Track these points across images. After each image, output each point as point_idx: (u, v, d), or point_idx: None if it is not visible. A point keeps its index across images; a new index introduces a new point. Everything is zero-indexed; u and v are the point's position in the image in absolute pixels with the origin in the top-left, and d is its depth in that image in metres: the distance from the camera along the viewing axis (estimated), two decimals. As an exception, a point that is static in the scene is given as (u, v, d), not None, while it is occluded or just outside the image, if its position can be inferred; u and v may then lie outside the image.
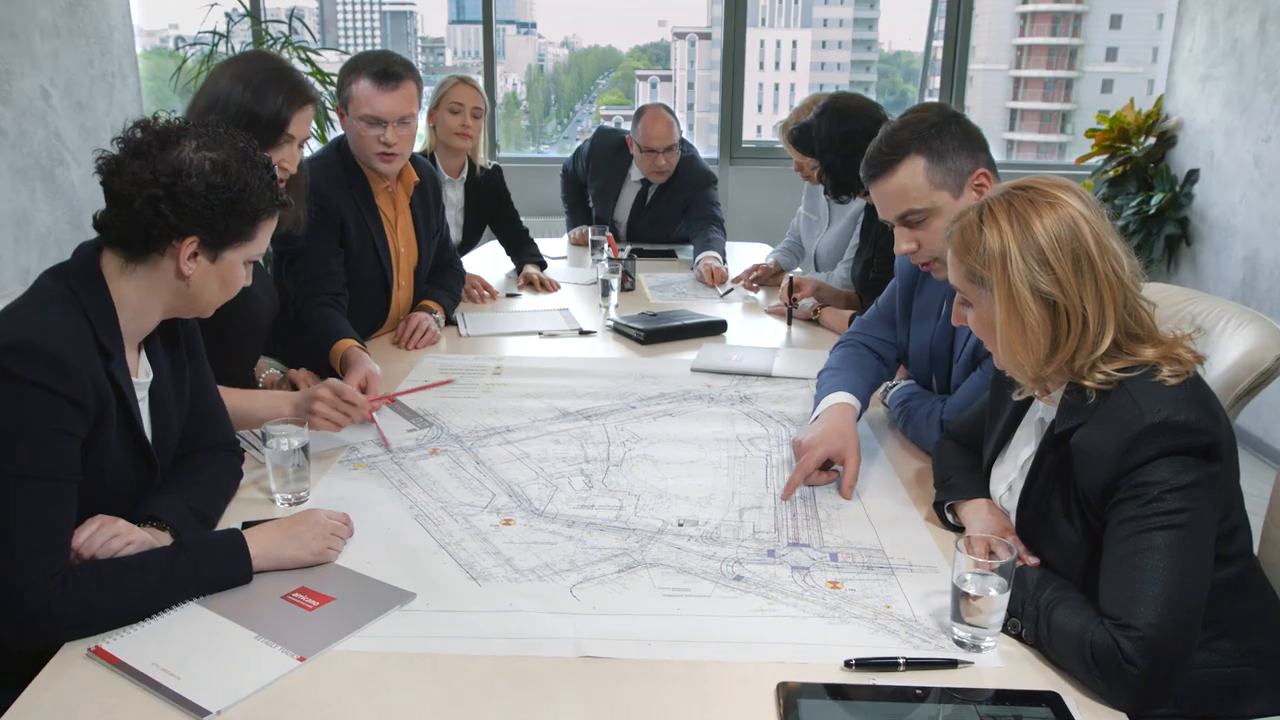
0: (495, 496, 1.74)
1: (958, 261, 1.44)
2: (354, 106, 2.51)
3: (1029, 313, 1.35)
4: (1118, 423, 1.29)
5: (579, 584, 1.47)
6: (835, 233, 3.42)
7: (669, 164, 3.90)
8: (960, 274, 1.45)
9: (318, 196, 2.38)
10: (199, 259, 1.45)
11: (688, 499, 1.75)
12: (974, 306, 1.46)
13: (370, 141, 2.51)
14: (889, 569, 1.53)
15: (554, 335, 2.82)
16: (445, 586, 1.46)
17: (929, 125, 1.85)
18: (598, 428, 2.07)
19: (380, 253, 2.63)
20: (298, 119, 1.99)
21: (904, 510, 1.73)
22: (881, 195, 1.89)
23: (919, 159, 1.84)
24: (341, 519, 1.58)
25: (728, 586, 1.47)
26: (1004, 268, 1.36)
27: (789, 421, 2.15)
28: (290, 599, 1.41)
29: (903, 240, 1.88)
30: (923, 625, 1.38)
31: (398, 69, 2.51)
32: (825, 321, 2.90)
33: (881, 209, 1.91)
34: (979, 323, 1.47)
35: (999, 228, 1.37)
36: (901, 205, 1.86)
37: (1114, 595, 1.24)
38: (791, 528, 1.66)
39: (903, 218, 1.87)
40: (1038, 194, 1.39)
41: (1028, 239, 1.35)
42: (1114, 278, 1.35)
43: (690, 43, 7.13)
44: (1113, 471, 1.28)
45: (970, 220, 1.42)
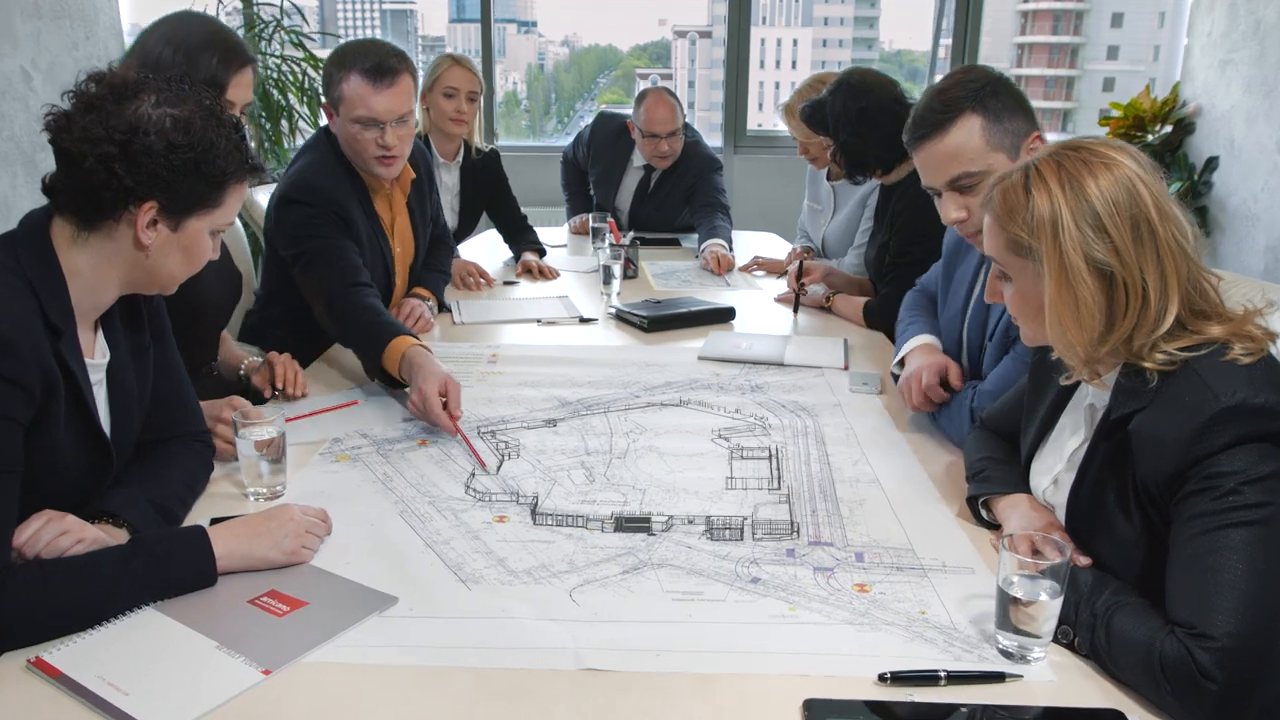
0: (490, 491, 1.60)
1: (998, 229, 1.30)
2: (346, 108, 2.26)
3: (1083, 285, 1.20)
4: (1186, 406, 1.15)
5: (579, 587, 1.33)
6: (842, 219, 3.28)
7: (672, 149, 3.74)
8: (1001, 243, 1.30)
9: (327, 203, 2.22)
10: (159, 227, 1.31)
11: (697, 494, 1.61)
12: (1014, 281, 1.32)
13: (367, 145, 2.27)
14: (921, 570, 1.39)
15: (553, 323, 2.68)
16: (431, 590, 1.32)
17: (983, 84, 1.72)
18: (599, 418, 1.93)
19: (385, 256, 2.46)
20: (236, 83, 1.84)
21: (933, 506, 1.59)
22: (931, 157, 1.75)
23: (975, 118, 1.71)
24: (318, 515, 1.44)
25: (744, 590, 1.33)
26: (1055, 235, 1.22)
27: (804, 411, 2.01)
28: (258, 604, 1.27)
29: (951, 208, 1.74)
30: (963, 633, 1.23)
31: (391, 62, 2.25)
32: (838, 309, 2.76)
33: (929, 173, 1.77)
34: (1019, 299, 1.32)
35: (1048, 190, 1.23)
36: (954, 168, 1.72)
37: (1186, 601, 1.10)
38: (812, 525, 1.52)
39: (954, 182, 1.73)
40: (1090, 154, 1.24)
41: (1081, 203, 1.21)
42: (1176, 246, 1.20)
43: (691, 41, 7.09)
44: (1180, 461, 1.14)
45: (1015, 182, 1.27)
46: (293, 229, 2.24)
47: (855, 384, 2.18)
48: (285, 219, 2.26)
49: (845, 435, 1.89)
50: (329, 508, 1.49)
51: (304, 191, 2.24)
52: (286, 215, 2.25)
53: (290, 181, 2.30)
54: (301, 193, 2.24)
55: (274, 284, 2.43)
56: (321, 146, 2.36)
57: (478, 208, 3.59)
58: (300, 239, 2.23)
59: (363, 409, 1.98)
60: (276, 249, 2.32)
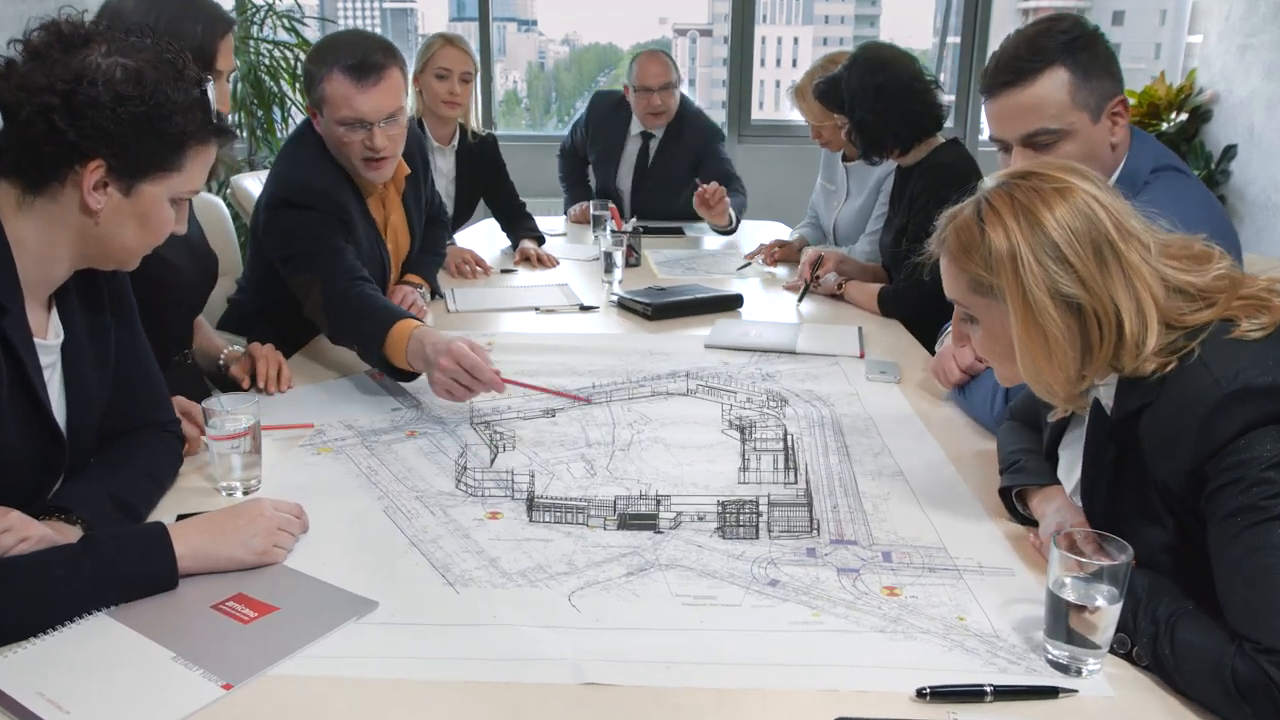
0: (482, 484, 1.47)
1: (957, 269, 1.20)
2: (330, 109, 2.06)
3: (1051, 321, 1.12)
4: (1190, 396, 1.05)
5: (579, 591, 1.20)
6: (855, 204, 3.15)
7: (665, 104, 3.68)
8: (962, 285, 1.21)
9: (325, 203, 2.06)
10: (109, 191, 1.18)
11: (708, 488, 1.48)
12: (980, 322, 1.22)
13: (354, 148, 2.08)
14: (955, 571, 1.26)
15: (552, 311, 2.55)
16: (415, 594, 1.19)
17: (1076, 36, 1.59)
18: (601, 408, 1.80)
19: (381, 256, 2.31)
20: (223, 50, 1.72)
21: (963, 501, 1.46)
22: (1009, 108, 1.62)
23: (1063, 71, 1.58)
24: (292, 511, 1.31)
25: (761, 593, 1.20)
26: (1015, 271, 1.13)
27: (819, 401, 1.88)
28: (223, 609, 1.14)
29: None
30: (1007, 642, 1.11)
31: (376, 58, 2.05)
32: (851, 296, 2.63)
33: (1004, 123, 1.64)
34: (988, 341, 1.23)
35: (1004, 225, 1.14)
36: (1034, 122, 1.59)
37: (1242, 612, 0.98)
38: (833, 521, 1.39)
39: (1030, 138, 1.60)
40: (1042, 180, 1.15)
41: (1039, 235, 1.12)
42: (1143, 265, 1.11)
43: (691, 39, 7.09)
44: (1194, 456, 1.04)
45: (966, 219, 1.18)
46: (287, 234, 2.05)
47: (872, 372, 2.05)
48: (280, 223, 2.06)
49: (864, 425, 1.76)
50: (307, 503, 1.36)
51: (301, 193, 2.05)
52: (282, 219, 2.06)
53: (283, 181, 2.12)
54: (298, 194, 2.05)
55: (259, 274, 2.30)
56: (309, 140, 2.17)
57: (474, 194, 3.46)
58: (295, 242, 2.04)
59: (349, 398, 1.85)
60: (265, 250, 2.16)
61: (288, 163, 2.19)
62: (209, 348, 1.99)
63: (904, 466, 1.58)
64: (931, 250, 1.25)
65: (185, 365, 1.90)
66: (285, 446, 1.63)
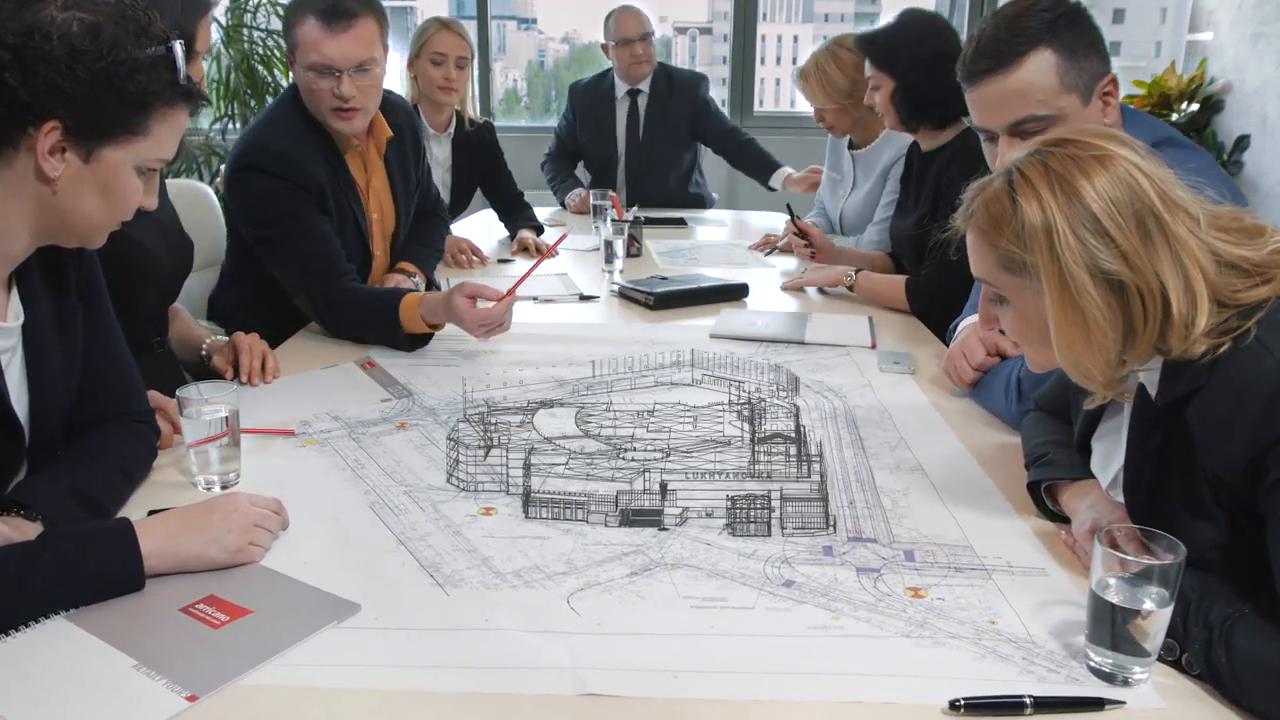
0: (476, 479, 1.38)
1: (985, 246, 1.11)
2: (300, 53, 2.03)
3: (1090, 301, 1.02)
4: (1247, 379, 0.96)
5: (579, 592, 1.11)
6: (862, 192, 3.06)
7: (646, 54, 3.75)
8: (990, 262, 1.11)
9: (291, 170, 2.01)
10: (67, 156, 1.09)
11: (716, 482, 1.39)
12: (1011, 303, 1.13)
13: (323, 95, 2.03)
14: (984, 571, 1.17)
15: (550, 301, 2.46)
16: (401, 595, 1.10)
17: (1059, 15, 1.50)
18: (603, 398, 1.71)
19: (359, 223, 2.23)
20: (201, 30, 1.64)
21: (988, 496, 1.37)
22: (994, 95, 1.52)
23: (1048, 53, 1.48)
24: (270, 506, 1.22)
25: (776, 595, 1.11)
26: (1051, 247, 1.03)
27: (830, 392, 1.79)
28: (192, 612, 1.05)
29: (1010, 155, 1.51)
30: (1044, 648, 1.02)
31: (349, 4, 2.02)
32: (863, 289, 2.45)
33: (989, 112, 1.54)
34: (1019, 323, 1.14)
35: (1038, 196, 1.04)
36: (1020, 109, 1.49)
37: None
38: (850, 518, 1.30)
39: (1017, 125, 1.50)
40: (1079, 148, 1.06)
41: (1077, 207, 1.02)
42: (1191, 238, 1.02)
43: (691, 38, 7.10)
44: (1253, 446, 0.95)
45: (997, 191, 1.09)
46: (254, 204, 2.05)
47: (885, 363, 1.96)
48: (244, 190, 2.06)
49: (879, 418, 1.67)
50: (288, 498, 1.27)
51: (264, 156, 2.02)
52: (245, 185, 2.05)
53: (248, 143, 2.08)
54: (261, 158, 2.02)
55: (238, 261, 2.21)
56: (286, 100, 2.14)
57: (471, 183, 3.37)
58: (265, 219, 2.04)
59: (337, 389, 1.76)
60: (237, 225, 2.10)
61: (260, 122, 2.17)
62: (190, 337, 1.90)
63: (923, 460, 1.49)
64: (956, 226, 1.16)
65: (161, 353, 1.81)
66: (267, 438, 1.54)
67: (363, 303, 2.01)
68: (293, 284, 2.00)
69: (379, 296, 2.02)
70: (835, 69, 2.90)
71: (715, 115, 3.88)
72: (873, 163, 3.02)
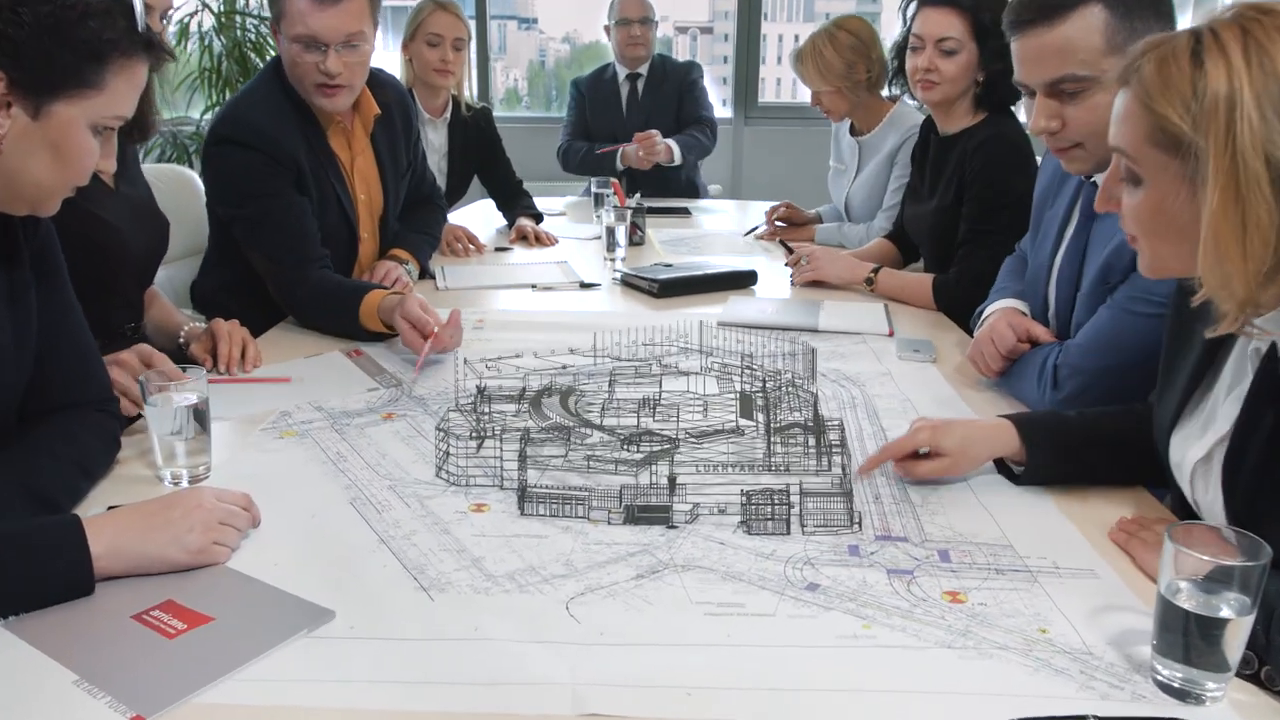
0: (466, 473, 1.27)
1: (1142, 111, 0.96)
2: (286, 23, 1.93)
3: (1259, 199, 0.87)
4: None
5: (579, 597, 1.00)
6: (867, 177, 2.94)
7: (644, 36, 3.75)
8: (1141, 131, 0.96)
9: (266, 144, 1.91)
10: (12, 111, 0.98)
11: (729, 475, 1.28)
12: (1147, 184, 0.98)
13: (308, 70, 1.92)
14: (1028, 573, 1.05)
15: (550, 288, 2.35)
16: (381, 601, 0.99)
17: None
18: (605, 387, 1.60)
19: (343, 205, 2.12)
20: None
21: (1025, 491, 1.26)
22: (1034, 48, 1.39)
23: (1098, 9, 1.36)
24: (239, 502, 1.11)
25: (799, 600, 1.00)
26: (1230, 126, 0.88)
27: (848, 381, 1.68)
28: (147, 620, 0.94)
29: (1043, 114, 1.39)
30: (1103, 660, 0.90)
31: None
32: (884, 288, 2.27)
33: (1028, 67, 1.41)
34: (1148, 211, 0.99)
35: (1227, 63, 0.89)
36: (1059, 67, 1.36)
37: None
38: (877, 514, 1.19)
39: (1055, 84, 1.37)
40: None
41: (1272, 85, 0.88)
42: None
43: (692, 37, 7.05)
44: None
45: (1177, 48, 0.93)
46: (227, 179, 1.95)
47: (904, 351, 1.85)
48: (218, 164, 1.96)
49: (901, 407, 1.56)
50: (262, 493, 1.16)
51: (238, 129, 1.92)
52: (219, 159, 1.95)
53: (224, 116, 1.99)
54: (236, 130, 1.92)
55: (220, 242, 2.10)
56: (269, 73, 2.03)
57: (468, 170, 3.25)
58: (238, 196, 1.94)
59: (321, 377, 1.65)
60: (212, 204, 2.00)
61: (240, 95, 2.07)
62: (168, 324, 1.79)
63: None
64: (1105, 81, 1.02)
65: (134, 340, 1.69)
66: (242, 429, 1.42)
67: (328, 291, 1.91)
68: (262, 267, 1.89)
69: (344, 288, 1.91)
70: (832, 51, 2.80)
71: (695, 97, 3.84)
72: (877, 148, 2.91)
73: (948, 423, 1.28)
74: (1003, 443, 1.26)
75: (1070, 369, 1.43)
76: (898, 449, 1.27)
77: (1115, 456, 1.26)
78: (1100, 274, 1.45)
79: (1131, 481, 1.27)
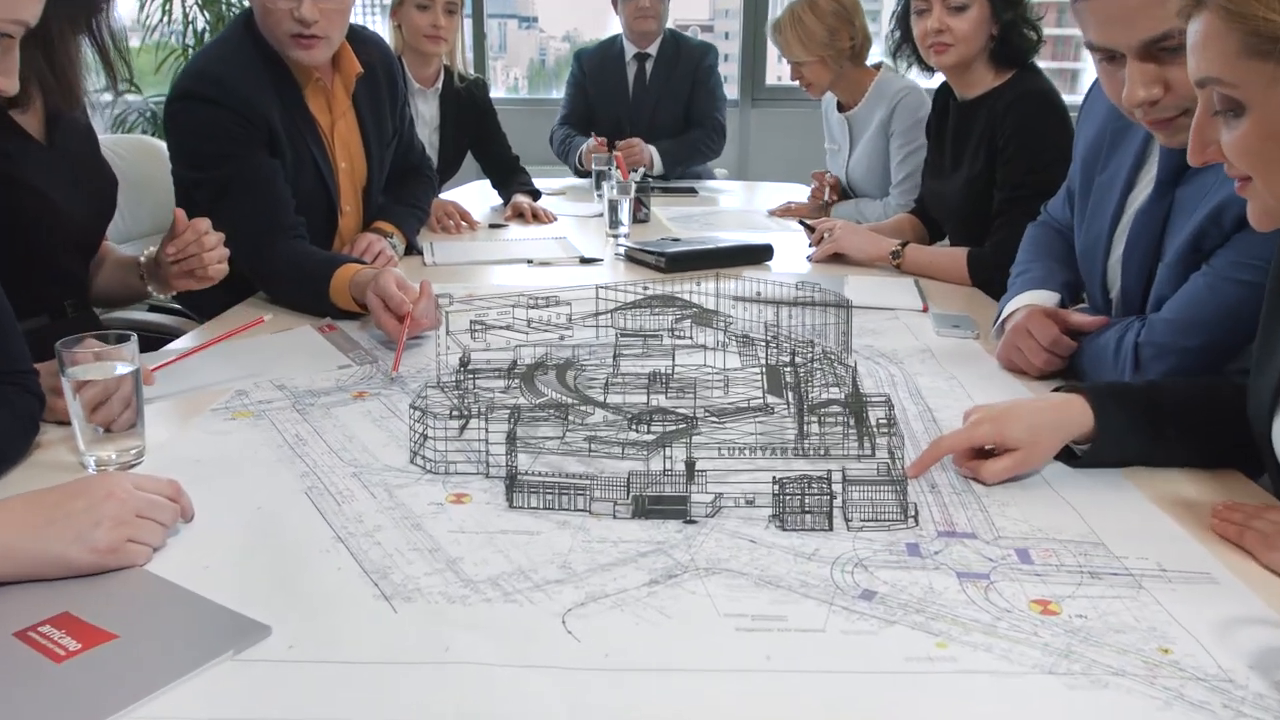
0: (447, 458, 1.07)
1: (1227, 25, 0.80)
2: None
3: None
4: None
5: (578, 609, 0.80)
6: (863, 154, 2.75)
7: (654, 8, 3.46)
8: (1230, 49, 0.81)
9: (235, 100, 1.71)
10: None
11: (757, 460, 1.08)
12: (1251, 109, 0.82)
13: (280, 18, 1.74)
14: (1130, 578, 0.86)
15: (547, 264, 2.15)
16: (330, 613, 0.79)
17: None
18: (610, 361, 1.40)
19: (320, 170, 1.91)
20: None
21: (1109, 480, 1.06)
22: (1119, 5, 1.14)
23: None
24: (164, 490, 0.91)
25: (853, 611, 0.80)
26: None
27: (884, 359, 1.48)
28: (31, 638, 0.75)
29: (1140, 82, 1.13)
30: (1249, 689, 0.71)
31: None
32: (910, 261, 2.07)
33: (1111, 28, 1.16)
34: (1260, 137, 0.82)
35: None
36: (1158, 23, 1.10)
37: None
38: (935, 506, 0.99)
39: (1152, 44, 1.12)
40: None
41: None
42: None
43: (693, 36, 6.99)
44: None
45: None
46: (191, 138, 1.75)
47: (943, 326, 1.65)
48: (183, 121, 1.75)
49: (948, 386, 1.36)
50: (199, 482, 0.97)
51: (206, 84, 1.71)
52: (184, 116, 1.74)
53: (189, 69, 1.79)
54: (203, 85, 1.72)
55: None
56: (239, 24, 1.83)
57: (461, 145, 3.05)
58: (204, 157, 1.73)
59: (288, 353, 1.46)
60: (176, 167, 1.80)
61: (207, 47, 1.88)
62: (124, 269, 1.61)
63: (1013, 435, 1.17)
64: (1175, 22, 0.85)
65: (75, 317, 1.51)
66: (187, 409, 1.23)
67: (298, 262, 1.71)
68: (228, 236, 1.67)
69: (315, 260, 1.72)
70: (813, 18, 2.62)
71: (709, 90, 3.56)
72: (867, 121, 2.73)
73: (1008, 409, 1.08)
74: (1077, 423, 1.06)
75: (1157, 348, 1.23)
76: (953, 446, 1.07)
77: (1206, 434, 1.07)
78: (1191, 241, 1.24)
79: (1220, 464, 1.08)
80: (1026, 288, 1.51)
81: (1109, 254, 1.43)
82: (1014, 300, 1.50)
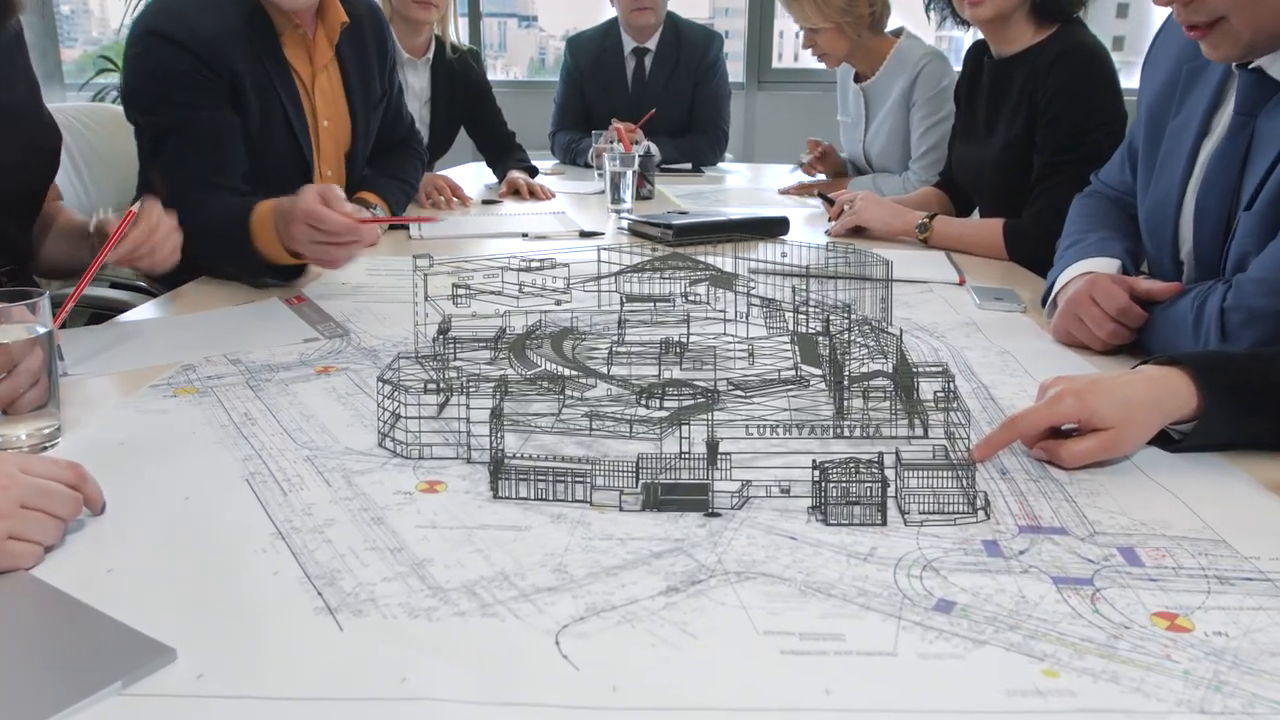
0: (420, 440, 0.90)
1: None
2: None
3: None
4: None
5: (576, 624, 0.63)
6: (880, 126, 2.58)
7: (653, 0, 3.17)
8: None
9: (198, 43, 1.53)
10: None
11: (791, 441, 0.90)
12: None
13: None
14: (1269, 583, 0.68)
15: (544, 238, 1.98)
16: (259, 631, 0.62)
17: None
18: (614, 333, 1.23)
19: (293, 126, 1.74)
20: None
21: (1207, 461, 0.89)
22: None
23: None
24: (64, 476, 0.73)
25: (929, 627, 0.63)
26: None
27: (924, 332, 1.31)
28: None
29: None
30: None
31: None
32: (939, 235, 1.90)
33: None
34: None
35: None
36: None
37: None
38: (1010, 495, 0.82)
39: None
40: None
41: None
42: None
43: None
44: None
45: None
46: (146, 79, 1.56)
47: (985, 300, 1.48)
48: (138, 61, 1.57)
49: (1001, 361, 1.19)
50: (120, 467, 0.81)
51: (169, 21, 1.54)
52: (141, 55, 1.56)
53: (152, 5, 1.59)
54: (165, 22, 1.54)
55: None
56: None
57: (453, 119, 2.88)
58: (154, 101, 1.55)
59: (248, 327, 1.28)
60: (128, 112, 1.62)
61: None
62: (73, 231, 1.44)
63: (1087, 414, 1.00)
64: None
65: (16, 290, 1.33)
66: (122, 384, 1.06)
67: (221, 212, 1.49)
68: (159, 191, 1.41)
69: (237, 204, 1.50)
70: None
71: (712, 91, 3.29)
72: (885, 92, 2.54)
73: (1095, 382, 0.91)
74: (1179, 400, 0.89)
75: (1247, 313, 1.05)
76: (1034, 424, 0.89)
77: None
78: (1274, 191, 1.07)
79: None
80: (1082, 255, 1.34)
81: (1180, 210, 1.25)
82: (1069, 269, 1.32)
